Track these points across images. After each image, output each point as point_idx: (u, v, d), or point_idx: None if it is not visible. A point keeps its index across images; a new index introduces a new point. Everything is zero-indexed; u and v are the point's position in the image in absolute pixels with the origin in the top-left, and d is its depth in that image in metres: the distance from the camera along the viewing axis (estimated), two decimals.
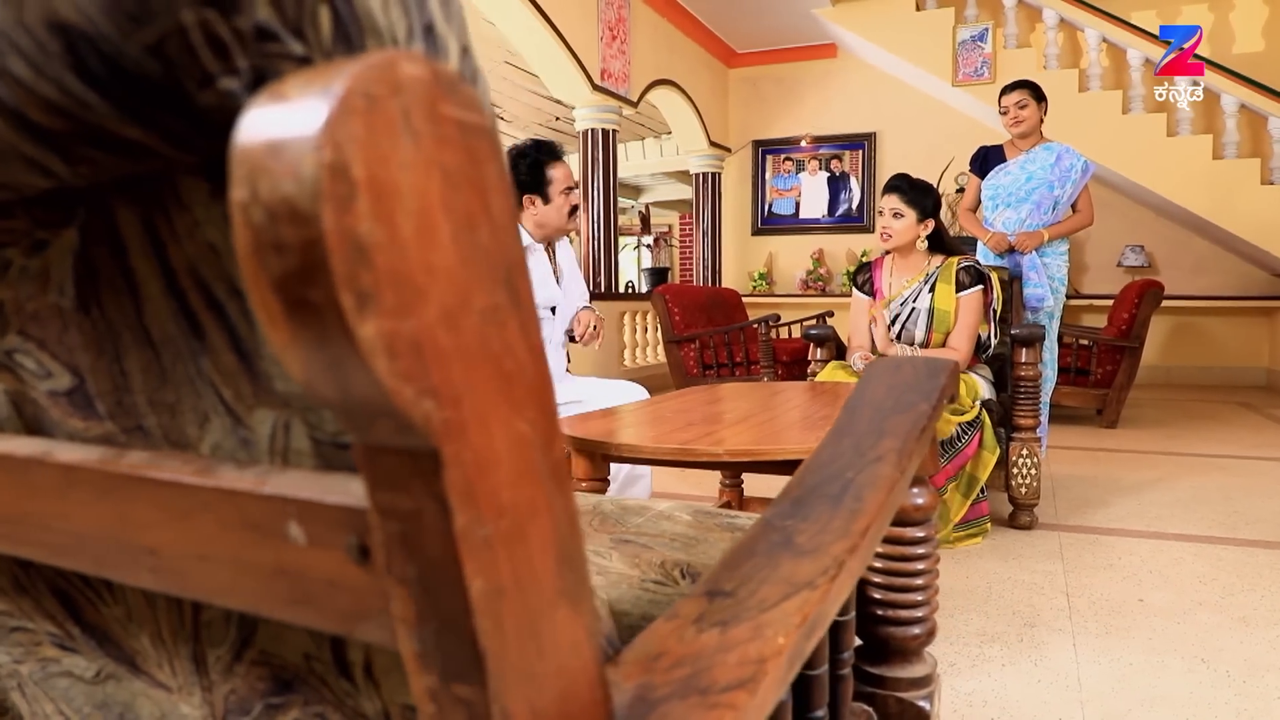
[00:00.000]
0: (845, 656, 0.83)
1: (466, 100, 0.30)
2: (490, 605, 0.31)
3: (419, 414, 0.28)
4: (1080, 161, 3.25)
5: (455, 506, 0.30)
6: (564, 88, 5.59)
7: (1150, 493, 3.09)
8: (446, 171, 0.29)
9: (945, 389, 0.91)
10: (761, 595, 0.53)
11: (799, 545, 0.60)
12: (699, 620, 0.50)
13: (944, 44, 6.53)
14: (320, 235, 0.25)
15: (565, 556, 0.35)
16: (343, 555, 0.34)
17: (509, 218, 0.32)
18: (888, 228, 2.74)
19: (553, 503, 0.35)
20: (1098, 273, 6.94)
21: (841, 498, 0.67)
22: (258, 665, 0.46)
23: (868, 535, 0.63)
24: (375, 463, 0.31)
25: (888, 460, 0.74)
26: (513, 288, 0.32)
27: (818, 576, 0.55)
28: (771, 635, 0.48)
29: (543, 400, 0.34)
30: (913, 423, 0.81)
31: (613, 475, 2.30)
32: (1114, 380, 4.56)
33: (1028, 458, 2.60)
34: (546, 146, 2.40)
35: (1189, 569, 2.22)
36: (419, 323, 0.28)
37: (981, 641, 1.76)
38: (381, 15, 0.32)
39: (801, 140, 7.87)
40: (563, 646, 0.36)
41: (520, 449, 0.33)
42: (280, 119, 0.26)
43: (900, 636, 0.92)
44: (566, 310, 2.50)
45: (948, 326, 2.65)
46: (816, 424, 1.73)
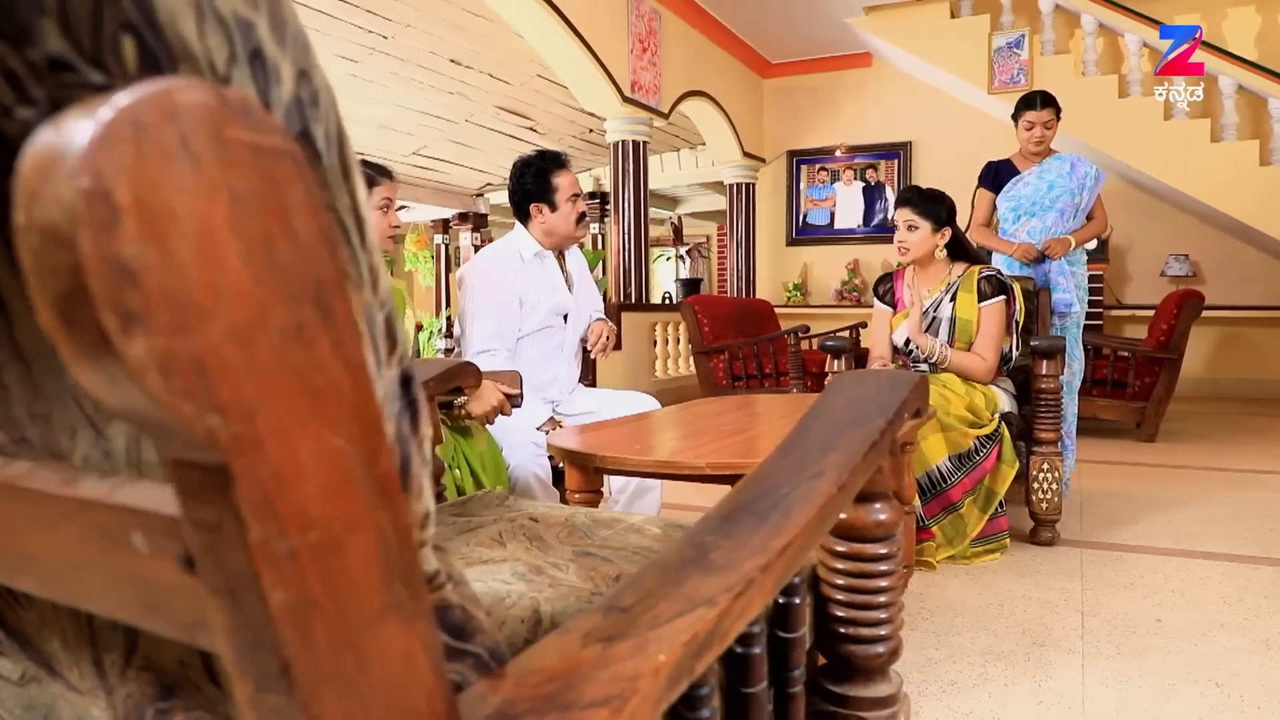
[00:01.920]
0: (795, 674, 0.82)
1: (260, 124, 0.30)
2: (297, 617, 0.32)
3: (202, 430, 0.29)
4: (1093, 169, 3.21)
5: (249, 519, 0.30)
6: (594, 100, 5.63)
7: (1183, 509, 2.99)
8: (236, 194, 0.30)
9: (908, 403, 0.90)
10: (656, 611, 0.53)
11: (711, 562, 0.59)
12: (587, 635, 0.50)
13: (979, 51, 6.44)
14: (80, 259, 0.26)
15: (393, 570, 0.36)
16: (174, 564, 0.35)
17: (318, 237, 0.32)
18: (904, 241, 2.71)
19: (377, 517, 0.35)
20: (1140, 282, 6.76)
21: (769, 514, 0.66)
22: (144, 671, 0.48)
23: (787, 553, 0.62)
24: (180, 475, 0.32)
25: (827, 476, 0.73)
26: (324, 305, 0.33)
27: (721, 594, 0.55)
28: (653, 652, 0.48)
29: (365, 415, 0.35)
30: (863, 438, 0.80)
31: (622, 487, 2.31)
32: (1152, 393, 4.43)
33: (1048, 472, 2.54)
34: (551, 156, 2.42)
35: (1215, 589, 2.15)
36: (201, 341, 0.29)
37: (986, 660, 1.72)
38: (196, 42, 0.33)
39: (836, 150, 7.82)
40: (391, 660, 0.36)
41: (334, 463, 0.33)
42: (52, 147, 0.27)
43: (862, 655, 0.91)
44: (580, 318, 2.51)
45: (970, 336, 2.61)
46: None
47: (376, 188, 1.95)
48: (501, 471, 2.03)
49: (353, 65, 5.90)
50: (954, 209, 2.72)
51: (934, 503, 2.38)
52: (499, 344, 2.29)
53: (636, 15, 5.75)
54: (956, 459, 2.40)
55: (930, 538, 2.37)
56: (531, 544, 1.00)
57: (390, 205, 1.98)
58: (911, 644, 1.81)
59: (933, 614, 1.99)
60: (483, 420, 1.94)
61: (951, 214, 2.70)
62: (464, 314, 2.33)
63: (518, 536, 1.03)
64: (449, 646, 0.47)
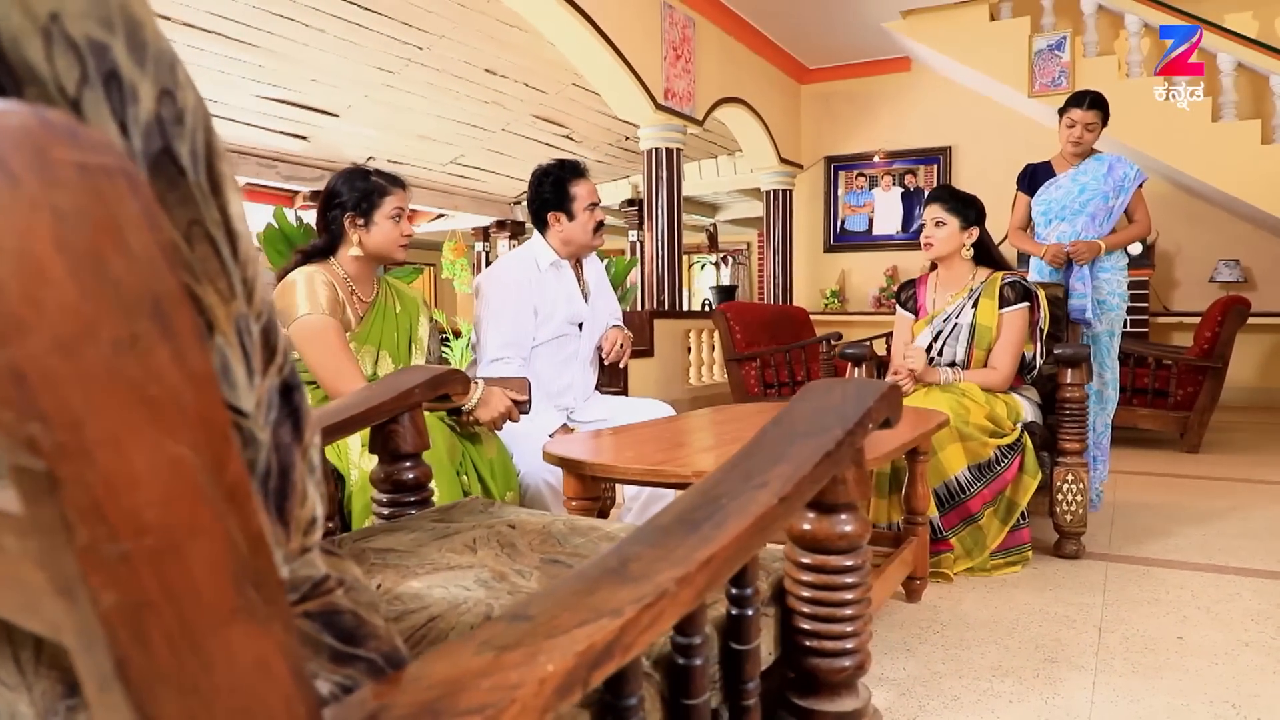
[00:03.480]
0: (749, 687, 0.82)
1: (88, 144, 0.32)
2: (129, 618, 0.33)
3: (23, 437, 0.30)
4: (1133, 170, 3.11)
5: (76, 523, 0.32)
6: (627, 107, 5.65)
7: (1220, 522, 2.90)
8: (60, 212, 0.31)
9: (872, 413, 0.89)
10: (558, 621, 0.53)
11: (629, 572, 0.60)
12: (484, 643, 0.51)
13: (1019, 54, 6.32)
14: None
15: (244, 575, 0.37)
16: (32, 564, 0.36)
17: (155, 252, 0.33)
18: (930, 237, 2.69)
19: (224, 522, 0.36)
20: (1189, 289, 6.56)
21: (701, 525, 0.66)
22: (52, 668, 0.49)
23: (712, 564, 0.62)
24: (17, 479, 0.33)
25: (770, 487, 0.73)
26: (163, 318, 0.34)
27: (629, 604, 0.55)
28: (542, 662, 0.48)
29: (210, 424, 0.36)
30: (816, 448, 0.80)
31: (635, 495, 2.31)
32: (1195, 402, 4.30)
33: (1073, 483, 2.48)
34: (570, 165, 2.43)
35: (1243, 605, 2.07)
36: (21, 352, 0.30)
37: (994, 676, 1.69)
38: (44, 65, 0.34)
39: (875, 156, 7.74)
40: (241, 663, 0.37)
41: (173, 471, 0.34)
42: None
43: (826, 669, 0.90)
44: (595, 327, 2.52)
45: (989, 343, 2.56)
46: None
47: (388, 197, 1.98)
48: (512, 478, 2.05)
49: (389, 76, 6.02)
50: (984, 212, 2.68)
51: (952, 514, 2.34)
52: (513, 352, 2.31)
53: (670, 23, 5.77)
54: (976, 469, 2.36)
55: (948, 549, 2.33)
56: (502, 551, 1.01)
57: (402, 214, 2.01)
58: (918, 657, 1.78)
59: (944, 627, 1.95)
60: (490, 427, 1.96)
61: (980, 216, 2.66)
62: (479, 322, 2.36)
63: (491, 543, 1.04)
64: (337, 651, 0.47)
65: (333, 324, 1.87)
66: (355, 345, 1.97)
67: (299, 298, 1.87)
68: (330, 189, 2.01)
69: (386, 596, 0.88)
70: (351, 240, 1.99)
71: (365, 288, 2.04)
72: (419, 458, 1.25)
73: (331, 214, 1.99)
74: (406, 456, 1.24)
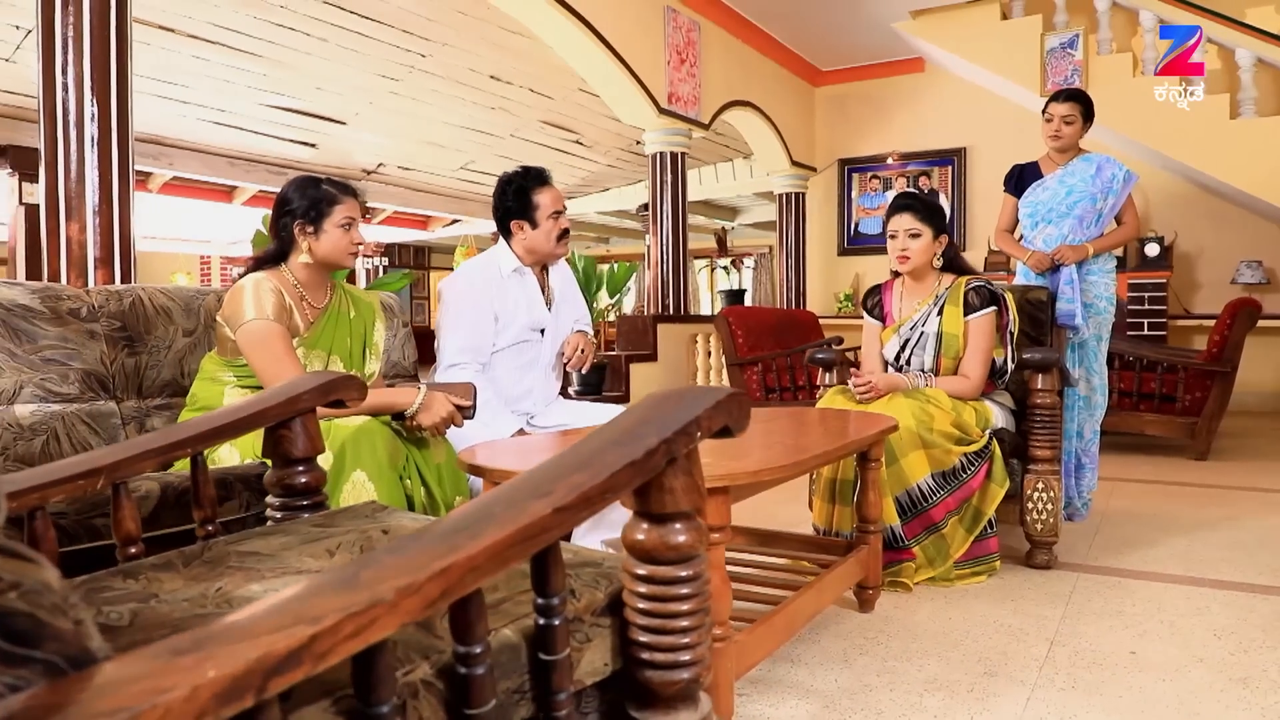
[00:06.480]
0: (561, 698, 0.82)
1: None
2: None
3: None
4: (1122, 171, 3.03)
5: None
6: (629, 112, 5.66)
7: (1209, 533, 2.82)
8: None
9: (699, 421, 0.88)
10: (253, 626, 0.53)
11: (359, 580, 0.60)
12: (174, 647, 0.52)
13: (1032, 53, 6.22)
14: None
15: None
16: None
17: None
18: (906, 249, 2.60)
19: None
20: (1211, 291, 6.40)
21: (454, 535, 0.66)
22: None
23: (448, 574, 0.62)
24: None
25: (552, 497, 0.73)
26: None
27: (332, 613, 0.55)
28: (206, 668, 0.49)
29: None
30: (619, 457, 0.79)
31: None
32: (1203, 408, 4.19)
33: (1044, 491, 2.43)
34: (534, 173, 2.44)
35: (1209, 620, 2.01)
36: None
37: (926, 690, 1.66)
38: None
39: (888, 158, 7.67)
40: None
41: None
42: None
43: (660, 681, 0.89)
44: (558, 334, 2.53)
45: (956, 351, 2.52)
46: (750, 451, 1.69)
47: (338, 206, 2.00)
48: (462, 482, 2.06)
49: (394, 84, 6.09)
50: (946, 218, 2.65)
51: (915, 522, 2.31)
52: (470, 357, 2.32)
53: (674, 26, 5.77)
54: (940, 477, 2.32)
55: (910, 558, 2.29)
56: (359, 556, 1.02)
57: (353, 223, 2.03)
58: (854, 669, 1.76)
59: (890, 638, 1.92)
60: (433, 432, 1.98)
61: (945, 221, 2.62)
62: (439, 327, 2.38)
63: (354, 549, 1.05)
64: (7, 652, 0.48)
65: (277, 329, 1.90)
66: (304, 350, 2.00)
67: (246, 303, 1.90)
68: (282, 196, 2.04)
69: (222, 599, 0.89)
70: (301, 247, 2.01)
71: (317, 294, 2.07)
72: (313, 462, 1.27)
73: (282, 221, 2.02)
74: (299, 461, 1.25)
